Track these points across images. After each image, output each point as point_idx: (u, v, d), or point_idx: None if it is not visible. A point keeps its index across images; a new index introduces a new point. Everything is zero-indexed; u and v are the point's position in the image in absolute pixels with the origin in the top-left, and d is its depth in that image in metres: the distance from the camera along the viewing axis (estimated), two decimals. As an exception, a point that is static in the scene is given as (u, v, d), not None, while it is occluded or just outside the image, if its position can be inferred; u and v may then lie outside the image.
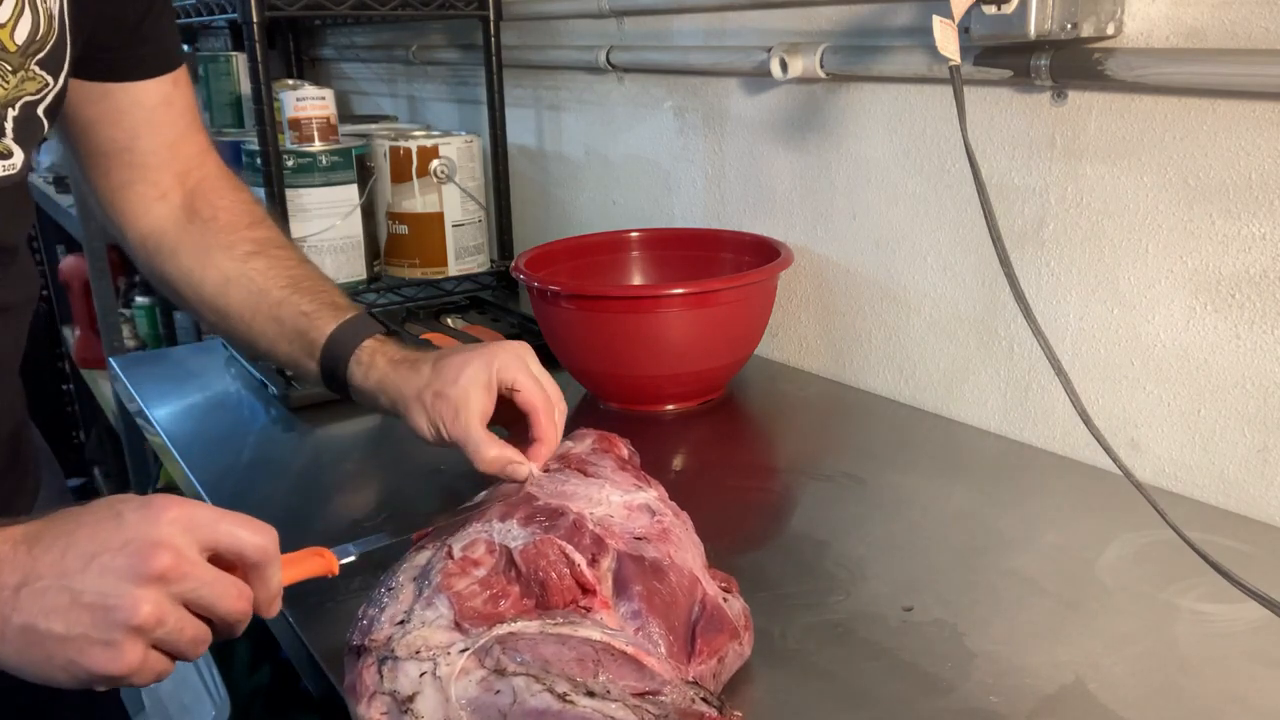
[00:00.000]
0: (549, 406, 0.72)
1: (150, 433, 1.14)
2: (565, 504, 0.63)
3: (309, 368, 0.80)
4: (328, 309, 0.80)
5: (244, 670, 1.33)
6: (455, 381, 0.71)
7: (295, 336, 0.79)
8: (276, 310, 0.80)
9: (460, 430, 0.70)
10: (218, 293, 0.81)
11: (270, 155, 1.30)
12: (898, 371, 1.11)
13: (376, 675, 0.53)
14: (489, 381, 0.71)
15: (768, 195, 1.22)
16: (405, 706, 0.52)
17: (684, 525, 0.66)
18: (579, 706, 0.50)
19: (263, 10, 1.26)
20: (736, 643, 0.61)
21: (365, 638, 0.56)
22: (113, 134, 0.80)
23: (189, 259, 0.82)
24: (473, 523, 0.63)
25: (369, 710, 0.52)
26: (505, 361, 0.72)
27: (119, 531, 0.48)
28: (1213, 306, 0.83)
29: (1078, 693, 0.61)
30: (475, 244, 1.50)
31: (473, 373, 0.71)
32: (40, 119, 0.67)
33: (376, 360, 0.77)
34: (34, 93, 0.66)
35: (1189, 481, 0.87)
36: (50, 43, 0.65)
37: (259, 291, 0.80)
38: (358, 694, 0.54)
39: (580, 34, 1.46)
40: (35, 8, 0.63)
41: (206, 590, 0.49)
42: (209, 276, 0.81)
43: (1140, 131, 0.85)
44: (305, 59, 2.27)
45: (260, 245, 0.83)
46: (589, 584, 0.58)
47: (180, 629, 0.49)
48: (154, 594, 0.48)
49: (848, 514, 0.85)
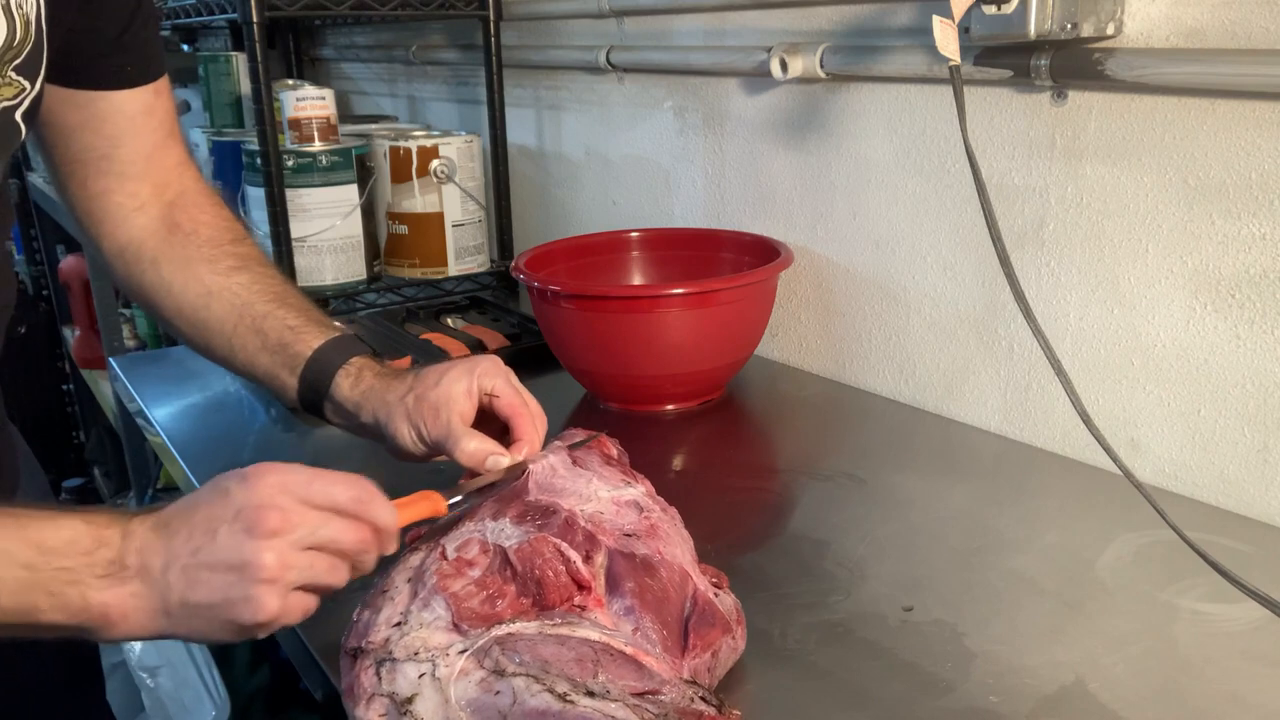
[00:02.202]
0: (528, 411, 0.72)
1: (150, 433, 1.14)
2: (556, 501, 0.63)
3: (285, 382, 0.79)
4: (314, 325, 0.79)
5: (244, 670, 1.33)
6: (436, 385, 0.72)
7: (278, 349, 0.79)
8: (260, 323, 0.79)
9: (441, 428, 0.70)
10: (199, 304, 0.80)
11: (270, 155, 1.30)
12: (898, 371, 1.11)
13: (375, 677, 0.53)
14: (469, 387, 0.72)
15: (768, 195, 1.22)
16: (404, 708, 0.52)
17: (672, 521, 0.66)
18: (579, 706, 0.50)
19: (263, 10, 1.26)
20: (729, 637, 0.61)
21: (362, 640, 0.56)
22: (92, 141, 0.79)
23: (170, 270, 0.81)
24: (465, 523, 0.63)
25: (367, 712, 0.52)
26: (485, 369, 0.73)
27: (228, 505, 0.54)
28: (1213, 306, 0.83)
29: (1078, 693, 0.61)
30: (475, 244, 1.50)
31: (454, 376, 0.72)
32: (18, 124, 0.67)
33: (364, 374, 0.77)
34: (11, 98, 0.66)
35: (1189, 481, 0.87)
36: (27, 49, 0.65)
37: (243, 305, 0.80)
38: (356, 696, 0.54)
39: (580, 34, 1.46)
40: (10, 14, 0.63)
41: (322, 530, 0.55)
42: (190, 288, 0.81)
43: (1140, 131, 0.85)
44: (305, 59, 2.27)
45: (243, 261, 0.82)
46: (585, 580, 0.58)
47: (311, 566, 0.55)
48: (273, 547, 0.53)
49: (848, 514, 0.85)
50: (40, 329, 2.75)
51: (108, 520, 0.55)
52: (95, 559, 0.54)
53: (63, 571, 0.53)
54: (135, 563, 0.54)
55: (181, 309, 0.81)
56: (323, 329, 0.79)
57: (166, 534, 0.55)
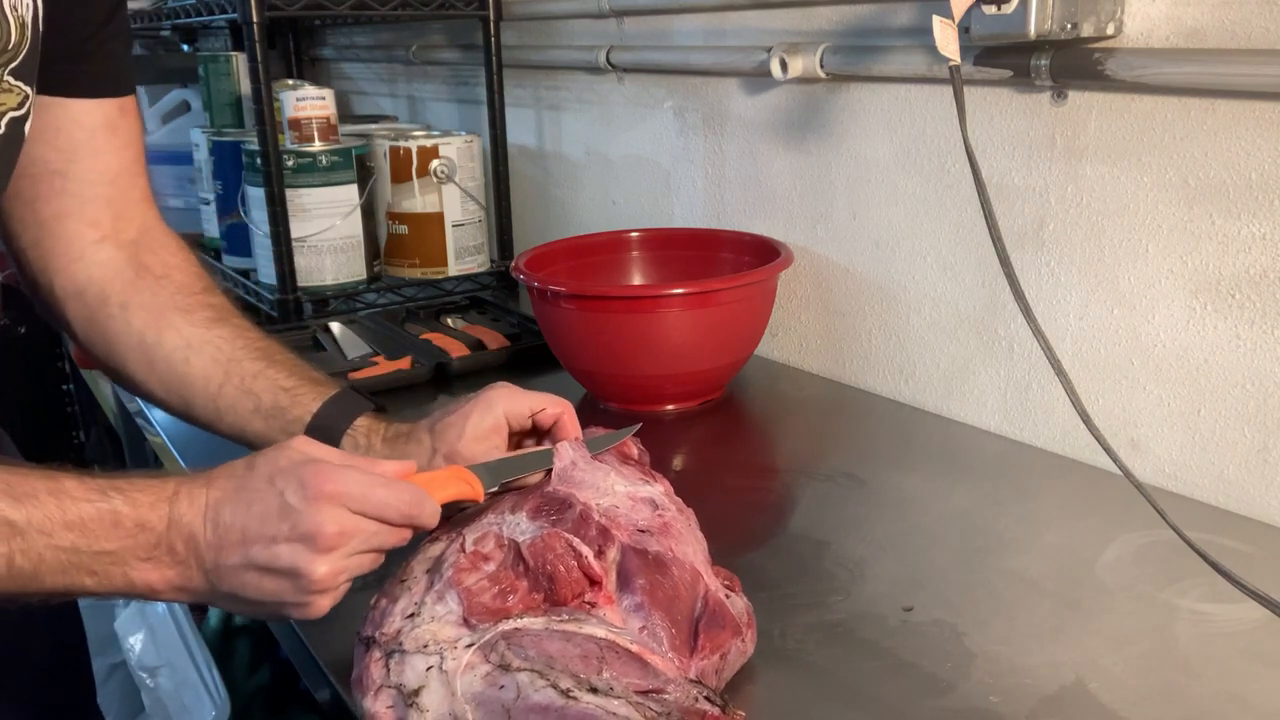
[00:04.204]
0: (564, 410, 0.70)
1: (150, 433, 1.14)
2: (573, 493, 0.63)
3: None
4: (309, 384, 0.74)
5: (244, 670, 1.33)
6: (461, 437, 0.68)
7: (273, 413, 0.72)
8: (250, 384, 0.73)
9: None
10: (177, 359, 0.73)
11: (270, 155, 1.30)
12: (898, 371, 1.11)
13: (383, 669, 0.54)
14: (496, 424, 0.68)
15: (768, 195, 1.22)
16: (411, 700, 0.52)
17: (687, 521, 0.67)
18: (581, 702, 0.50)
19: (263, 10, 1.26)
20: (739, 640, 0.61)
21: (376, 630, 0.57)
22: (44, 153, 0.71)
23: (142, 318, 0.74)
24: (486, 514, 0.63)
25: (375, 704, 0.53)
26: (504, 397, 0.69)
27: (286, 516, 0.55)
28: (1213, 306, 0.83)
29: (1078, 693, 0.61)
30: (475, 244, 1.50)
31: (477, 419, 0.68)
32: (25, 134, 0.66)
33: (372, 440, 0.72)
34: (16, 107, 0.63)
35: (1189, 481, 0.87)
36: (23, 52, 0.63)
37: (228, 361, 0.73)
38: (364, 687, 0.54)
39: (580, 34, 1.46)
40: (5, 15, 0.61)
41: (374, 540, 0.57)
42: (166, 339, 0.73)
43: (1140, 131, 0.85)
44: (305, 59, 2.27)
45: (220, 312, 0.76)
46: (596, 575, 0.58)
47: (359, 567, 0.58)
48: (326, 559, 0.56)
49: (848, 514, 0.85)
50: (40, 329, 2.75)
51: (151, 500, 0.56)
52: (139, 542, 0.55)
53: (105, 554, 0.54)
54: (182, 550, 0.55)
55: (155, 363, 0.74)
56: (319, 388, 0.74)
57: (218, 529, 0.56)
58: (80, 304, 0.75)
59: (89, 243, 0.74)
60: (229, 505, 0.56)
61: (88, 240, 0.74)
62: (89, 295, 0.75)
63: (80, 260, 0.74)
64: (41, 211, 0.73)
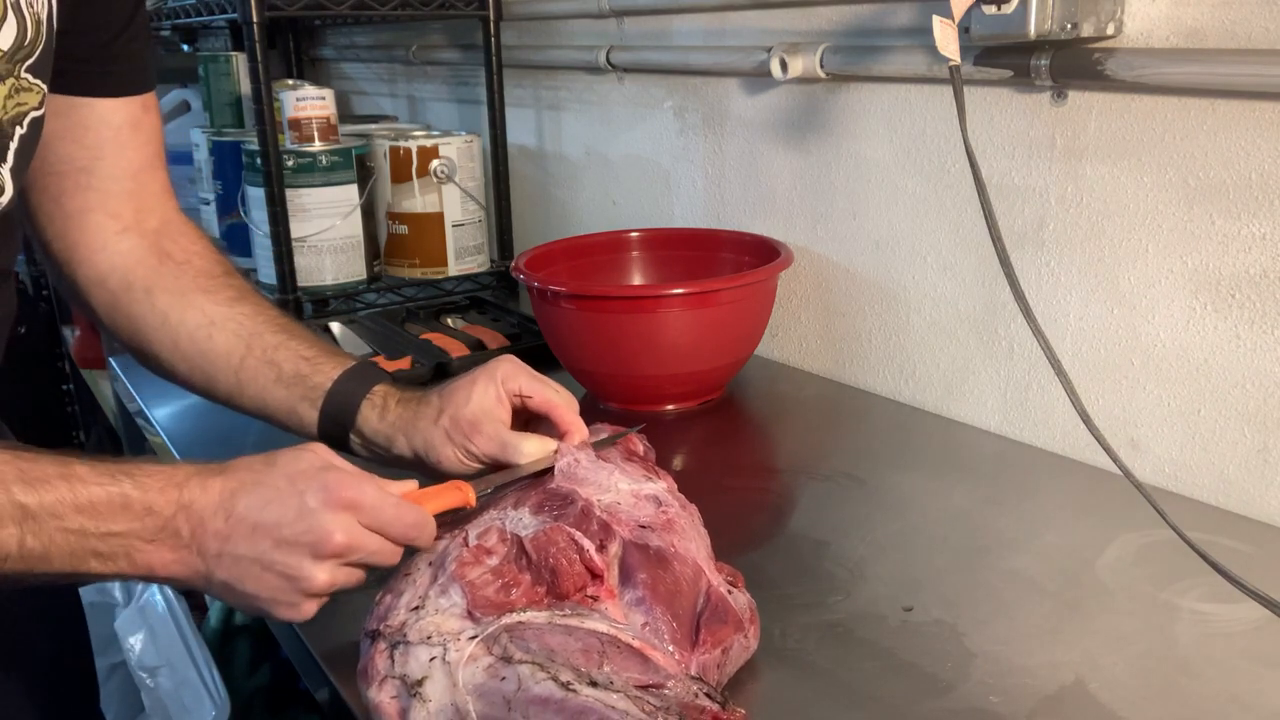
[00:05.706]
0: (563, 400, 0.72)
1: (150, 433, 1.14)
2: (574, 490, 0.64)
3: (304, 416, 0.76)
4: (328, 355, 0.77)
5: (244, 670, 1.33)
6: (468, 402, 0.71)
7: (294, 381, 0.75)
8: (273, 354, 0.76)
9: (491, 442, 0.70)
10: (200, 335, 0.76)
11: (270, 155, 1.30)
12: (898, 371, 1.11)
13: (388, 660, 0.55)
14: (499, 394, 0.72)
15: (768, 195, 1.22)
16: (414, 690, 0.53)
17: (691, 518, 0.67)
18: (581, 695, 0.51)
19: (263, 10, 1.26)
20: (741, 635, 0.61)
21: (380, 623, 0.57)
22: (72, 152, 0.74)
23: (165, 299, 0.77)
24: (489, 510, 0.64)
25: (379, 694, 0.54)
26: (507, 372, 0.72)
27: (301, 518, 0.57)
28: (1213, 306, 0.83)
29: (1078, 693, 0.61)
30: (475, 244, 1.50)
31: (482, 388, 0.72)
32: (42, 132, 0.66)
33: (389, 404, 0.75)
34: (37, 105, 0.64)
35: (1189, 481, 0.87)
36: (39, 49, 0.63)
37: (250, 334, 0.76)
38: (369, 678, 0.55)
39: (580, 34, 1.46)
40: (20, 12, 0.62)
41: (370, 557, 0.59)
42: (189, 318, 0.76)
43: (1140, 131, 0.85)
44: (305, 59, 2.27)
45: (241, 292, 0.79)
46: (598, 569, 0.59)
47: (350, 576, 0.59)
48: (328, 567, 0.57)
49: (848, 514, 0.85)
50: (40, 329, 2.75)
51: (161, 485, 0.57)
52: (145, 525, 0.56)
53: (112, 535, 0.56)
54: (187, 534, 0.57)
55: (179, 341, 0.77)
56: (338, 358, 0.77)
57: (230, 518, 0.57)
58: (104, 291, 0.78)
59: (112, 234, 0.77)
60: (245, 497, 0.57)
61: (110, 231, 0.77)
62: (112, 282, 0.77)
63: (104, 250, 0.77)
64: (67, 206, 0.75)
